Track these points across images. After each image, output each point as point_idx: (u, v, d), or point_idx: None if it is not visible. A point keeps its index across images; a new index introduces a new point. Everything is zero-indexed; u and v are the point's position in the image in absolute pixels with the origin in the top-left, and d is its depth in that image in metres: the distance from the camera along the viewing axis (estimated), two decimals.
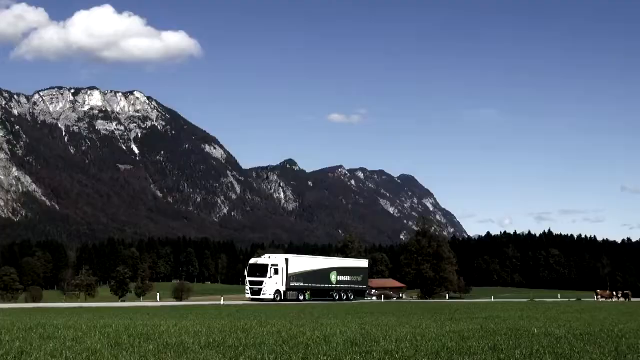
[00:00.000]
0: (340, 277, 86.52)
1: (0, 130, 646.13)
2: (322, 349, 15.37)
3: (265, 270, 76.51)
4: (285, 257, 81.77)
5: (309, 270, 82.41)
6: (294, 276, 79.28)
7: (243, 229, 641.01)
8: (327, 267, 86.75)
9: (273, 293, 76.21)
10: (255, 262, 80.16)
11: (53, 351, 14.83)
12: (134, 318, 31.05)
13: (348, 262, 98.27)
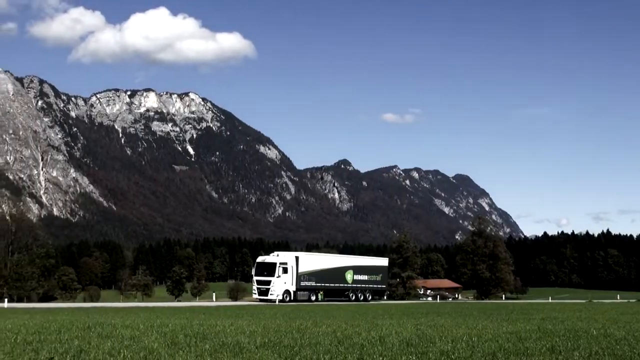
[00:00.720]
0: (357, 276, 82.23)
1: (58, 132, 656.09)
2: (377, 350, 15.30)
3: (273, 269, 72.37)
4: (295, 255, 77.25)
5: (321, 269, 77.82)
6: (305, 275, 75.03)
7: (297, 229, 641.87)
8: (342, 266, 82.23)
9: (282, 293, 71.82)
10: (262, 261, 76.15)
11: (111, 350, 14.98)
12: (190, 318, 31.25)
13: (366, 260, 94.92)
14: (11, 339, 17.80)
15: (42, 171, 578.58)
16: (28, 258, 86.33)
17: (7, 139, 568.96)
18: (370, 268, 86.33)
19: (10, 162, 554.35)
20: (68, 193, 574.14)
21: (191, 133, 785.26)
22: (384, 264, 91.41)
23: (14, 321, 26.19)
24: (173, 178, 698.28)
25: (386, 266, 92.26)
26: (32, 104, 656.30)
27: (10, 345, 16.28)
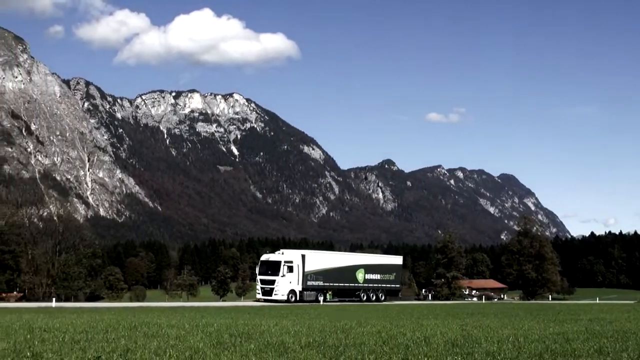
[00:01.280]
0: (368, 275, 78.12)
1: (104, 133, 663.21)
2: (422, 350, 15.23)
3: (278, 268, 68.88)
4: (301, 253, 73.26)
5: (330, 268, 73.83)
6: (312, 274, 71.23)
7: (342, 229, 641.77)
8: (353, 264, 77.82)
9: (287, 293, 68.43)
10: (266, 259, 72.47)
11: (157, 349, 15.09)
12: (234, 317, 31.38)
13: (378, 258, 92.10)
14: (59, 338, 18.00)
15: (88, 172, 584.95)
16: (75, 258, 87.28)
17: (55, 141, 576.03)
18: (383, 267, 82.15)
19: (57, 163, 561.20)
20: (114, 194, 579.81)
21: (235, 134, 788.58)
22: (398, 263, 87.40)
23: (62, 320, 26.49)
24: (217, 179, 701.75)
25: (400, 265, 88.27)
26: (78, 105, 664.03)
27: (59, 344, 16.47)
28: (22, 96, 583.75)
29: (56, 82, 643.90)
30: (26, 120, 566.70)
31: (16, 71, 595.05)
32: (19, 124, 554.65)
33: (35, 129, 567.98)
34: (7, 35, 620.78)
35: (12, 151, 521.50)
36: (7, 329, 21.31)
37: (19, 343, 16.48)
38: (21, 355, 14.04)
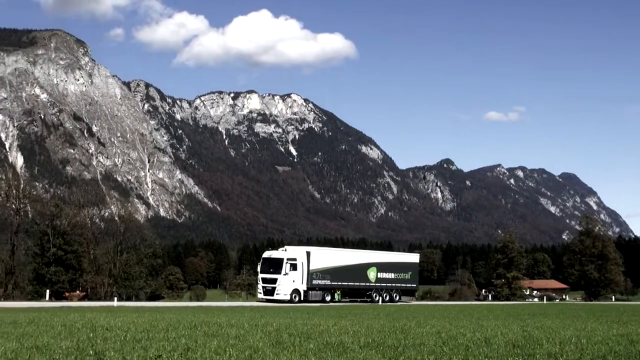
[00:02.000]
0: (381, 274, 73.75)
1: (164, 134, 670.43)
2: (482, 351, 15.10)
3: (280, 266, 65.21)
4: (306, 250, 69.57)
5: (338, 266, 69.91)
6: (318, 273, 67.47)
7: (400, 229, 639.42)
8: (364, 262, 73.48)
9: (289, 293, 64.94)
10: (268, 256, 68.76)
11: (217, 348, 15.20)
12: (293, 317, 31.47)
13: (392, 256, 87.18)
14: (121, 337, 18.24)
15: (148, 173, 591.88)
16: (136, 258, 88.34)
17: (115, 142, 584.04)
18: (397, 265, 77.44)
19: (118, 164, 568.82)
20: (174, 194, 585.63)
21: (293, 134, 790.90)
22: (414, 261, 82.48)
23: (124, 319, 26.84)
24: (276, 179, 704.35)
25: (417, 263, 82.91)
26: (138, 107, 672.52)
27: (120, 342, 16.68)
28: (83, 98, 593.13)
29: (117, 84, 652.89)
30: (88, 122, 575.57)
31: (78, 74, 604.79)
32: (80, 126, 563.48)
33: (96, 130, 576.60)
34: (69, 39, 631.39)
35: (75, 153, 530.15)
36: (71, 328, 21.65)
37: (82, 341, 16.73)
38: (84, 354, 14.24)
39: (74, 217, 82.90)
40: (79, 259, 79.52)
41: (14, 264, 77.11)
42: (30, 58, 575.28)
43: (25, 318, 26.93)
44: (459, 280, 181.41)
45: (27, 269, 79.90)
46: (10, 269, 76.30)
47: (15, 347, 15.15)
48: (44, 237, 75.74)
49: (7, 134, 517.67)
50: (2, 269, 77.06)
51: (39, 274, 74.87)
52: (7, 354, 14.06)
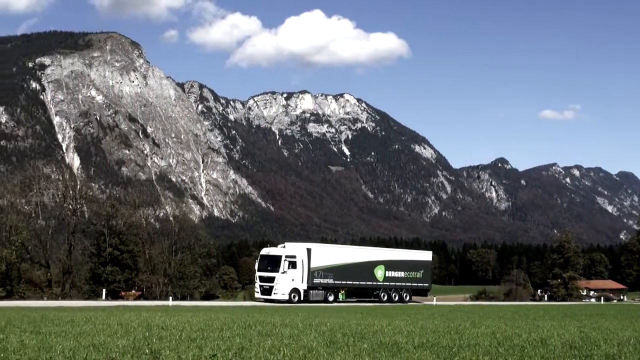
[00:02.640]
0: (389, 272, 70.03)
1: (217, 135, 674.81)
2: (538, 352, 14.94)
3: (278, 263, 62.25)
4: (306, 247, 66.02)
5: (342, 264, 66.41)
6: (320, 271, 64.20)
7: (454, 229, 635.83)
8: (371, 260, 69.73)
9: (288, 292, 61.83)
10: (266, 253, 65.88)
11: (271, 348, 15.24)
12: (347, 317, 31.44)
13: (402, 253, 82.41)
14: (176, 336, 18.39)
15: (202, 173, 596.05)
16: (190, 257, 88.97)
17: (170, 143, 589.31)
18: (408, 263, 73.56)
19: (173, 165, 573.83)
20: (228, 194, 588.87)
21: (346, 134, 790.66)
22: (427, 259, 78.57)
23: (179, 318, 27.06)
24: (329, 179, 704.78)
25: (429, 261, 79.41)
26: (192, 108, 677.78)
27: (176, 341, 16.82)
28: (138, 100, 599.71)
29: (171, 86, 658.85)
30: (142, 123, 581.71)
31: (133, 76, 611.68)
32: (135, 127, 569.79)
33: (151, 131, 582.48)
34: (124, 41, 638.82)
35: (130, 153, 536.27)
36: (127, 327, 21.89)
37: (137, 340, 16.90)
38: (140, 352, 14.38)
39: (130, 217, 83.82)
40: (135, 258, 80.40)
41: (71, 263, 78.20)
42: (86, 60, 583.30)
43: (83, 317, 27.28)
44: (514, 280, 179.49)
45: (84, 269, 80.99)
46: (67, 269, 77.40)
47: (73, 346, 15.35)
48: (100, 237, 76.70)
49: (64, 136, 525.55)
50: (59, 269, 78.21)
51: (95, 274, 75.85)
52: (64, 352, 14.26)
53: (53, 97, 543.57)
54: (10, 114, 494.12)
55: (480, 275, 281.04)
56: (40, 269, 78.35)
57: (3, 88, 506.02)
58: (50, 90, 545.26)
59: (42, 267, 78.25)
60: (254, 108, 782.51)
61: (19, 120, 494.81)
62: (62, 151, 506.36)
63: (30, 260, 79.61)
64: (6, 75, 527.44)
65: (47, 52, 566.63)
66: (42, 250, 77.85)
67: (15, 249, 71.15)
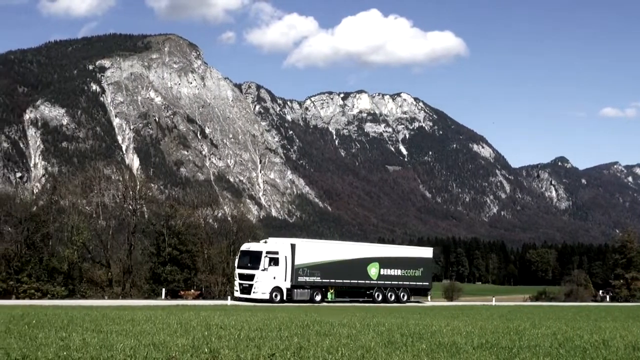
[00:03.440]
0: (385, 270, 65.06)
1: (275, 135, 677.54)
2: (600, 354, 14.72)
3: (258, 260, 58.21)
4: (290, 242, 61.77)
5: (330, 261, 61.69)
6: (305, 269, 59.69)
7: (513, 229, 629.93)
8: (363, 257, 64.82)
9: (269, 291, 57.69)
10: (246, 249, 61.77)
11: (329, 348, 15.24)
12: (405, 317, 31.33)
13: (398, 250, 78.34)
14: (235, 335, 18.50)
15: (260, 174, 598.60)
16: None
17: (228, 143, 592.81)
18: (405, 260, 68.13)
19: (231, 165, 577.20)
20: (285, 194, 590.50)
21: (404, 133, 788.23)
22: (427, 256, 72.57)
23: (237, 318, 27.22)
24: (386, 178, 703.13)
25: (430, 258, 73.47)
26: (250, 109, 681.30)
27: (234, 341, 16.91)
28: (196, 101, 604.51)
29: (228, 87, 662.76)
30: (201, 124, 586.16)
31: (191, 77, 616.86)
32: (194, 128, 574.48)
33: (209, 132, 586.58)
34: (182, 43, 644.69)
35: (188, 154, 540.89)
36: (186, 326, 22.08)
37: (197, 339, 17.03)
38: (199, 351, 14.49)
39: (188, 217, 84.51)
40: (193, 258, 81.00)
41: (131, 263, 79.12)
42: (145, 62, 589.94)
43: (143, 316, 27.58)
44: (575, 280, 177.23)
45: (143, 268, 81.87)
46: (127, 268, 78.34)
47: (134, 344, 15.52)
48: (160, 237, 77.46)
49: (124, 137, 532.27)
50: (120, 269, 79.19)
51: (155, 273, 76.64)
52: (125, 350, 14.42)
53: (113, 99, 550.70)
54: (72, 116, 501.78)
55: (540, 275, 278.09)
56: (101, 268, 79.43)
57: (64, 91, 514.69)
58: (110, 92, 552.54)
59: (103, 266, 79.34)
60: (311, 108, 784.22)
61: (79, 122, 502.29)
62: (121, 152, 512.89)
63: (92, 260, 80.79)
64: (67, 78, 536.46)
65: (107, 55, 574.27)
66: (103, 250, 78.92)
67: (76, 249, 72.25)
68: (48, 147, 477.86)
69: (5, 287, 67.23)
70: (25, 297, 63.17)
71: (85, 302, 47.82)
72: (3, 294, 65.87)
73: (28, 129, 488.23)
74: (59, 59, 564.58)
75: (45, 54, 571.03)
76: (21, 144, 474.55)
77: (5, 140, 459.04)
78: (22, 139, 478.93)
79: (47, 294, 65.59)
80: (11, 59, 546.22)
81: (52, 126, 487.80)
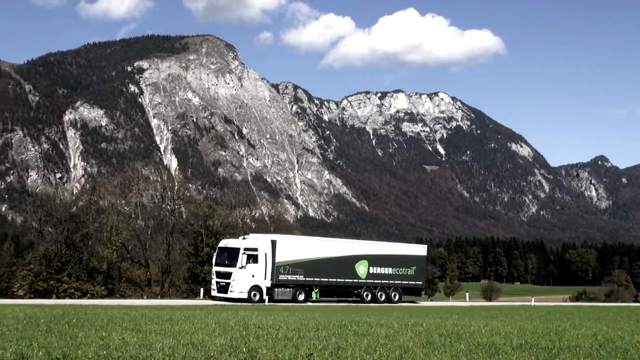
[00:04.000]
0: (374, 268, 61.48)
1: (312, 135, 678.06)
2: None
3: (236, 257, 54.69)
4: (271, 239, 57.88)
5: (315, 259, 58.18)
6: (287, 266, 56.28)
7: (552, 229, 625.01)
8: (351, 255, 61.05)
9: (247, 290, 54.10)
10: (224, 245, 58.04)
11: (367, 348, 15.21)
12: (443, 317, 31.19)
13: (389, 247, 71.52)
14: (273, 335, 18.52)
15: (297, 174, 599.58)
16: None
17: (265, 144, 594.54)
18: (396, 258, 64.21)
19: (268, 165, 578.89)
20: (322, 194, 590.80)
21: (441, 133, 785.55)
22: (420, 254, 68.09)
23: (275, 318, 27.26)
24: (424, 178, 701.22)
25: (423, 256, 68.64)
26: (287, 109, 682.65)
27: (272, 340, 16.93)
28: (234, 102, 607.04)
29: (265, 87, 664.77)
30: (238, 124, 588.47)
31: (228, 78, 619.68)
32: (231, 129, 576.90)
33: (246, 132, 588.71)
34: (219, 44, 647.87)
35: (226, 155, 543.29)
36: (224, 325, 22.16)
37: (235, 339, 17.08)
38: (237, 351, 14.53)
39: (226, 217, 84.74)
40: None
41: (169, 263, 79.56)
42: (183, 63, 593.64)
43: (181, 315, 27.73)
44: (616, 281, 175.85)
45: (182, 268, 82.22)
46: (166, 268, 78.78)
47: (173, 344, 15.60)
48: (198, 237, 77.78)
49: (162, 138, 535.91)
50: (158, 268, 79.67)
51: (193, 273, 76.97)
52: (164, 350, 14.51)
53: (151, 100, 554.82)
54: (110, 117, 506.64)
55: (579, 275, 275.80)
56: (140, 268, 79.98)
57: (103, 92, 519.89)
58: (148, 93, 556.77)
59: (141, 266, 79.88)
60: (348, 108, 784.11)
61: (118, 123, 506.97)
62: (160, 153, 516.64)
63: (131, 259, 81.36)
64: (106, 79, 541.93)
65: (145, 56, 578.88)
66: (141, 250, 79.45)
67: (116, 249, 72.86)
68: (87, 148, 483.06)
69: (46, 286, 68.03)
70: (66, 297, 63.81)
71: (124, 301, 48.20)
72: (44, 293, 66.66)
73: (68, 130, 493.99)
74: (97, 60, 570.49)
75: (84, 56, 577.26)
76: (61, 145, 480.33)
77: (46, 141, 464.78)
78: (62, 140, 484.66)
79: (87, 293, 66.21)
80: (51, 61, 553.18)
81: (91, 127, 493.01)
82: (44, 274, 69.06)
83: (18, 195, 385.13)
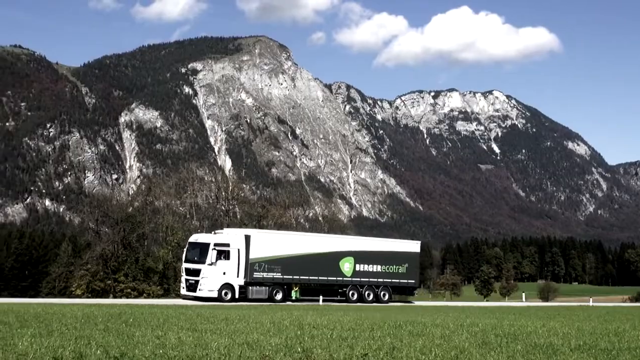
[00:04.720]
0: (361, 266, 56.95)
1: (365, 135, 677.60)
2: None
3: (205, 253, 50.75)
4: (244, 234, 53.38)
5: (294, 255, 53.79)
6: (262, 263, 52.03)
7: (611, 228, 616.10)
8: (334, 251, 56.49)
9: (217, 289, 50.24)
10: (194, 241, 53.86)
11: (422, 348, 15.10)
12: (499, 317, 30.90)
13: (379, 243, 64.73)
14: (327, 335, 18.49)
15: (351, 173, 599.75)
16: None
17: (318, 144, 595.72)
18: (386, 255, 59.60)
19: (321, 165, 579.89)
20: (376, 194, 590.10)
21: (496, 131, 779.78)
22: (412, 250, 62.79)
23: (329, 317, 27.24)
24: (479, 177, 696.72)
25: (416, 253, 63.58)
26: (340, 109, 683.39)
27: (327, 340, 16.90)
28: (287, 102, 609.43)
29: (318, 87, 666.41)
30: (291, 125, 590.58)
31: (281, 78, 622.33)
32: (285, 129, 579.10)
33: (299, 133, 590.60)
34: (272, 44, 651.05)
35: (279, 155, 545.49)
36: (279, 325, 22.19)
37: (289, 339, 17.09)
38: (292, 350, 14.53)
39: (280, 217, 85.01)
40: None
41: None
42: (236, 64, 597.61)
43: (236, 315, 27.86)
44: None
45: None
46: None
47: (228, 343, 15.66)
48: None
49: (216, 138, 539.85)
50: None
51: None
52: (220, 349, 14.56)
53: (205, 101, 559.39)
54: (165, 118, 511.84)
55: (639, 275, 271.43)
56: None
57: (158, 94, 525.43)
58: (202, 94, 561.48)
59: None
60: (401, 107, 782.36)
61: (173, 125, 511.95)
62: (214, 153, 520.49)
63: None
64: (160, 81, 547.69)
65: (199, 58, 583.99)
66: None
67: (171, 249, 73.41)
68: (143, 149, 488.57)
69: (103, 286, 68.84)
70: (122, 296, 64.55)
71: (180, 301, 48.47)
72: (101, 293, 67.47)
73: (123, 132, 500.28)
74: (152, 62, 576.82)
75: (139, 58, 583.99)
76: (117, 146, 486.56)
77: (102, 142, 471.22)
78: (118, 142, 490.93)
79: (143, 293, 66.82)
80: (107, 63, 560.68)
81: (146, 128, 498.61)
82: (101, 274, 69.89)
83: (75, 197, 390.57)
